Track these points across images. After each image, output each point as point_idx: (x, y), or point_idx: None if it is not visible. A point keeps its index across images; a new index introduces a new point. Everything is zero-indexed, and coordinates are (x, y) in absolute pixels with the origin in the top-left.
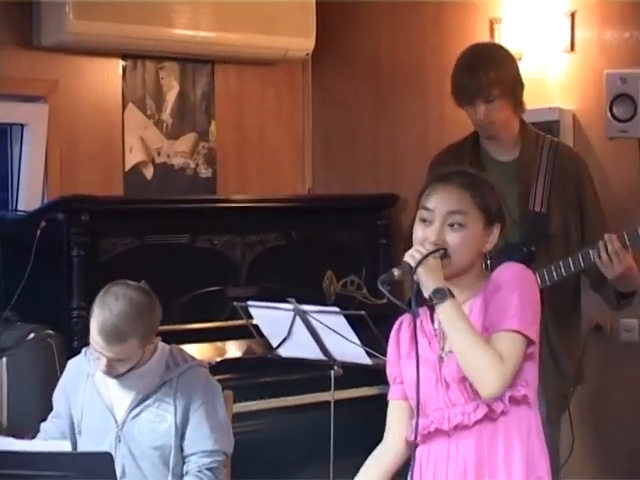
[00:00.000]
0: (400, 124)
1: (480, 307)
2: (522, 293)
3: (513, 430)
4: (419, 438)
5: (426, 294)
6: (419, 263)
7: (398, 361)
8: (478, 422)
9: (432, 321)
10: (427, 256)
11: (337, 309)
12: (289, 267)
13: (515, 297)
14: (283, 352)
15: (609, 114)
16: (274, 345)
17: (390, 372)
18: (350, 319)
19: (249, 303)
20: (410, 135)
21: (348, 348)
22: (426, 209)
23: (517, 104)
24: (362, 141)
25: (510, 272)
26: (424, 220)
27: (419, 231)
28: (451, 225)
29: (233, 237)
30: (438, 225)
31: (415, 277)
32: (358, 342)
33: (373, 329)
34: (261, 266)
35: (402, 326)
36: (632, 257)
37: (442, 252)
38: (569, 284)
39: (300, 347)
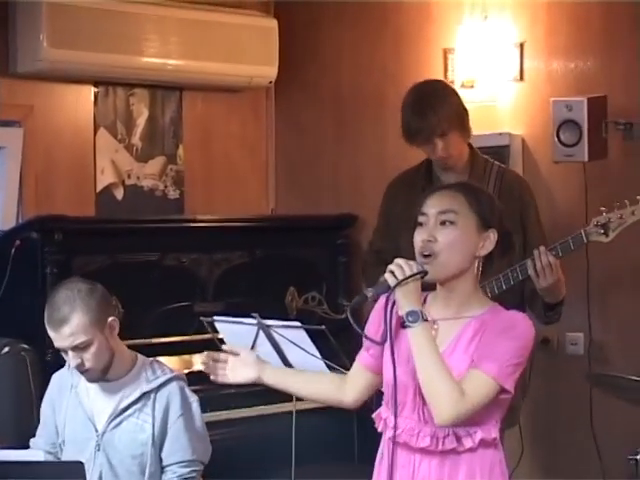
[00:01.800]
0: (360, 148)
1: (474, 332)
2: (516, 347)
3: (476, 466)
4: (390, 435)
5: (400, 313)
6: (398, 284)
7: (377, 336)
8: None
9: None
10: (408, 278)
11: (299, 323)
12: (253, 283)
13: (507, 346)
14: None
15: (556, 139)
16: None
17: (365, 342)
18: (311, 333)
19: (215, 318)
20: (369, 159)
21: (309, 361)
22: (422, 214)
23: (465, 131)
24: (323, 164)
25: (517, 323)
26: (420, 224)
27: (416, 236)
28: (442, 223)
29: (200, 255)
30: (431, 224)
31: (392, 294)
32: (318, 355)
33: (333, 343)
34: (227, 283)
35: (391, 304)
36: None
37: (423, 275)
38: (514, 298)
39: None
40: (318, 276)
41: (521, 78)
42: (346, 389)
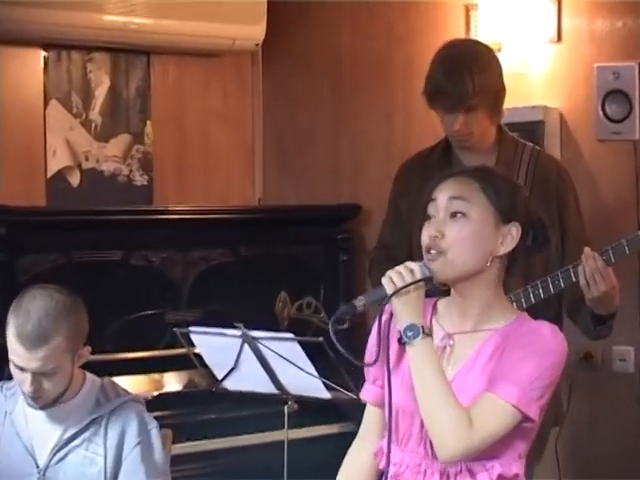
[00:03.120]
0: (363, 125)
1: (495, 348)
2: (543, 365)
3: None
4: (392, 472)
5: (399, 327)
6: (395, 293)
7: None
8: None
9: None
10: (408, 286)
11: (291, 335)
12: (237, 287)
13: (532, 365)
14: (230, 385)
15: (600, 113)
16: (219, 377)
17: (368, 370)
18: (306, 347)
19: (191, 329)
20: (374, 138)
21: (304, 380)
22: (431, 200)
23: (497, 112)
24: (320, 145)
25: (544, 335)
26: (429, 217)
27: (423, 231)
28: (453, 215)
29: (173, 253)
30: (441, 216)
31: (388, 305)
32: (315, 373)
33: (333, 358)
34: (205, 286)
35: (388, 316)
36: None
37: (428, 281)
38: (550, 310)
39: (249, 379)
40: (314, 278)
41: (558, 39)
42: (368, 446)
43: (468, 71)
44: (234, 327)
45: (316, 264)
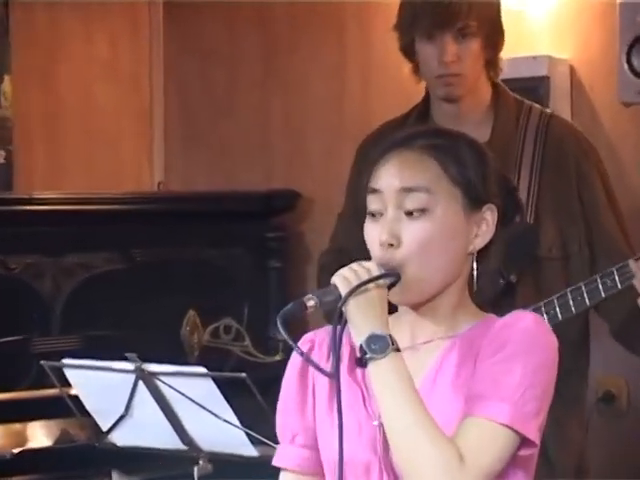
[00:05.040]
0: (302, 87)
1: (461, 357)
2: (531, 365)
3: None
4: None
5: (356, 340)
6: (352, 291)
7: (303, 408)
8: None
9: None
10: (368, 282)
11: (203, 370)
12: (129, 305)
13: (518, 370)
14: (119, 438)
15: (625, 66)
16: (104, 427)
17: (284, 424)
18: (224, 385)
19: (65, 362)
20: (318, 103)
21: (221, 431)
22: (372, 191)
23: (493, 59)
24: (243, 112)
25: (523, 327)
26: (372, 213)
27: (368, 233)
28: (409, 213)
29: (41, 258)
30: (391, 214)
31: (343, 310)
32: (236, 422)
33: (259, 401)
34: (85, 303)
35: (312, 354)
36: None
37: (394, 279)
38: (571, 331)
39: (146, 431)
40: (235, 292)
41: None
42: None
43: None
44: (125, 359)
45: (237, 273)
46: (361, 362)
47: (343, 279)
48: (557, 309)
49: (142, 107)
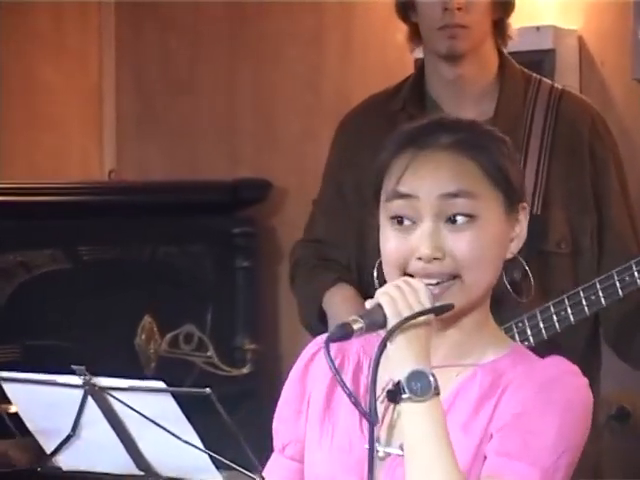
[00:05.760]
0: (272, 62)
1: (483, 392)
2: (568, 427)
3: None
4: None
5: (395, 374)
6: (408, 320)
7: (297, 417)
8: None
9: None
10: (423, 314)
11: (161, 384)
12: (75, 310)
13: (553, 431)
14: (64, 462)
15: None
16: (48, 449)
17: (277, 431)
18: (186, 402)
19: (2, 375)
20: (290, 81)
21: (181, 454)
22: (402, 197)
23: (502, 23)
24: (205, 91)
25: (562, 378)
26: (400, 220)
27: (392, 242)
28: (452, 221)
29: None
30: (430, 224)
31: (389, 341)
32: (199, 444)
33: (226, 419)
34: (24, 309)
35: (317, 358)
36: None
37: (447, 310)
38: (578, 338)
39: (95, 453)
40: (198, 295)
41: None
42: None
43: None
44: (71, 372)
45: (200, 274)
46: (394, 398)
47: (390, 299)
48: (569, 310)
49: (90, 85)
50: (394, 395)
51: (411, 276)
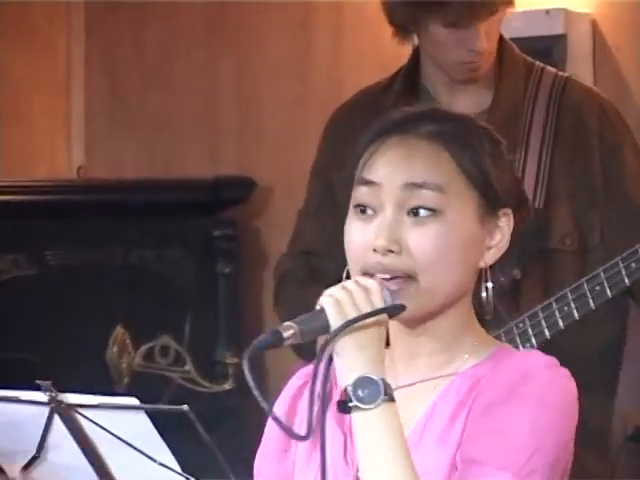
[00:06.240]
0: (256, 49)
1: (460, 402)
2: (543, 423)
3: None
4: None
5: (341, 381)
6: (349, 324)
7: (283, 455)
8: None
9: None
10: (370, 316)
11: (135, 401)
12: (42, 320)
13: (525, 428)
14: None
15: None
16: (11, 472)
17: (259, 469)
18: (161, 420)
19: None
20: (275, 70)
21: (156, 477)
22: (366, 183)
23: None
24: (183, 82)
25: (535, 372)
26: (363, 209)
27: (353, 233)
28: (413, 214)
29: None
30: (390, 214)
31: (330, 345)
32: (176, 466)
33: (204, 439)
34: None
35: (306, 391)
36: None
37: (398, 311)
38: (601, 337)
39: (62, 476)
40: (174, 304)
41: None
42: None
43: None
44: (37, 388)
45: (177, 280)
46: (344, 408)
47: (334, 303)
48: (572, 304)
49: (58, 76)
50: (344, 406)
51: (370, 275)
